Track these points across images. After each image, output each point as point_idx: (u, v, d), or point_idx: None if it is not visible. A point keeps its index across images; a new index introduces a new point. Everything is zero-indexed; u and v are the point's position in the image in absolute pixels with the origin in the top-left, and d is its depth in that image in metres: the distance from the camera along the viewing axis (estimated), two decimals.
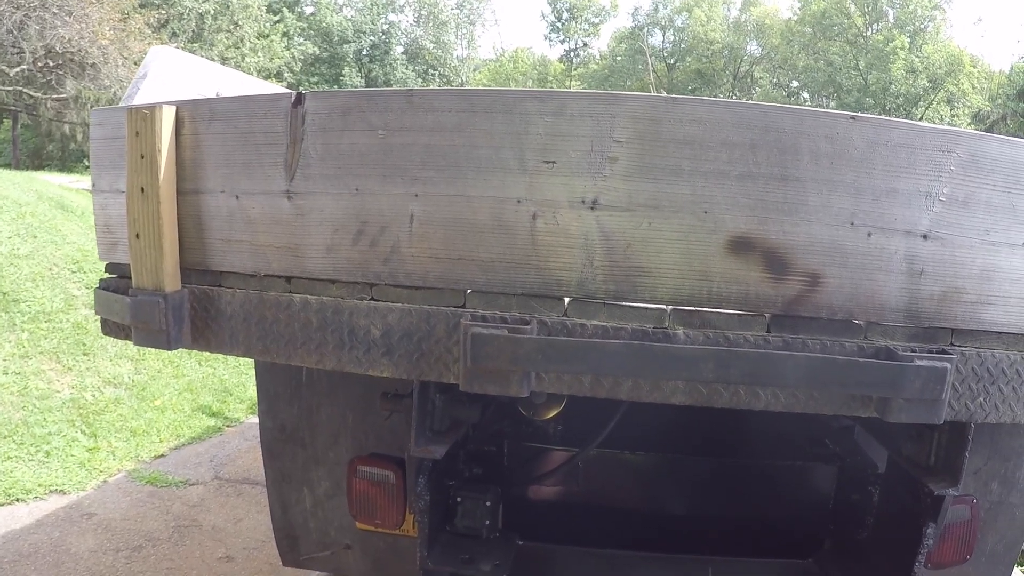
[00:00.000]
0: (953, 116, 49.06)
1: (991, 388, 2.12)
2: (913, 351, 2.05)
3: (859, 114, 2.03)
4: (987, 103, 47.60)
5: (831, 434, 3.57)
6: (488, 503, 3.04)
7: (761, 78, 59.31)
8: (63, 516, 5.38)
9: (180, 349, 2.53)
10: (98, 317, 2.79)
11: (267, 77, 35.70)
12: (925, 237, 2.02)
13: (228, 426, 7.56)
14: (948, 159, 1.99)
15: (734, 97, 58.60)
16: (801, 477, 3.52)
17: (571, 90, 2.03)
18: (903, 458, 2.75)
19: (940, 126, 2.07)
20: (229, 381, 8.55)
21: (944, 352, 2.06)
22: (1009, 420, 2.16)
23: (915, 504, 2.70)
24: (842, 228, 2.02)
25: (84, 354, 7.78)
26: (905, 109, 48.29)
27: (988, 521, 3.10)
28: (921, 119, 47.23)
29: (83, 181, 16.01)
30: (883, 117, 2.09)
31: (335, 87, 49.01)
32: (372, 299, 2.23)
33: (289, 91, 2.42)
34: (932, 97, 49.49)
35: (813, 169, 1.99)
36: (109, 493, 5.84)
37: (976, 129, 41.25)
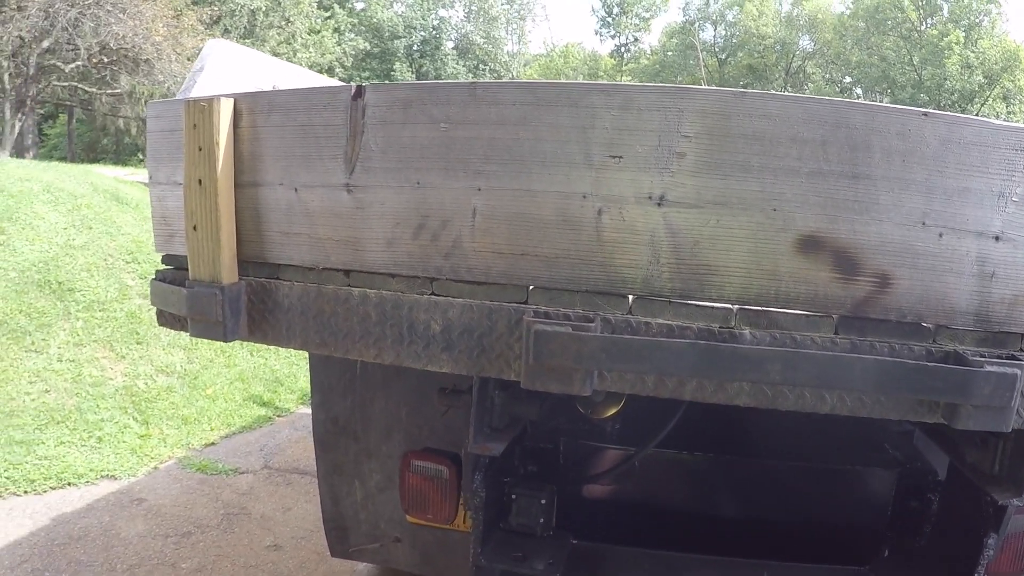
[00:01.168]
0: (1009, 113, 48.07)
1: None
2: (983, 356, 1.98)
3: (931, 110, 1.97)
4: None
5: (891, 439, 3.50)
6: (543, 501, 3.02)
7: (813, 73, 58.50)
8: (113, 501, 5.46)
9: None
10: (151, 307, 2.80)
11: (319, 72, 35.99)
12: (997, 239, 1.95)
13: (278, 416, 7.62)
14: (1022, 158, 1.91)
15: (787, 92, 57.98)
16: (860, 482, 3.46)
17: (638, 83, 2.00)
18: (966, 465, 2.67)
19: (1014, 124, 1.99)
20: (280, 371, 8.62)
21: (1014, 358, 1.99)
22: None
23: (976, 513, 2.63)
24: (913, 228, 1.95)
25: (137, 343, 7.89)
26: (960, 106, 47.39)
27: None
28: (977, 115, 46.38)
29: (137, 174, 16.26)
30: (956, 114, 2.02)
31: (387, 82, 49.19)
32: (433, 294, 2.21)
33: (349, 84, 2.41)
34: (988, 93, 48.55)
35: (884, 167, 1.93)
36: (159, 479, 5.91)
37: None
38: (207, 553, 4.80)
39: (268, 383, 8.29)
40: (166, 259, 2.77)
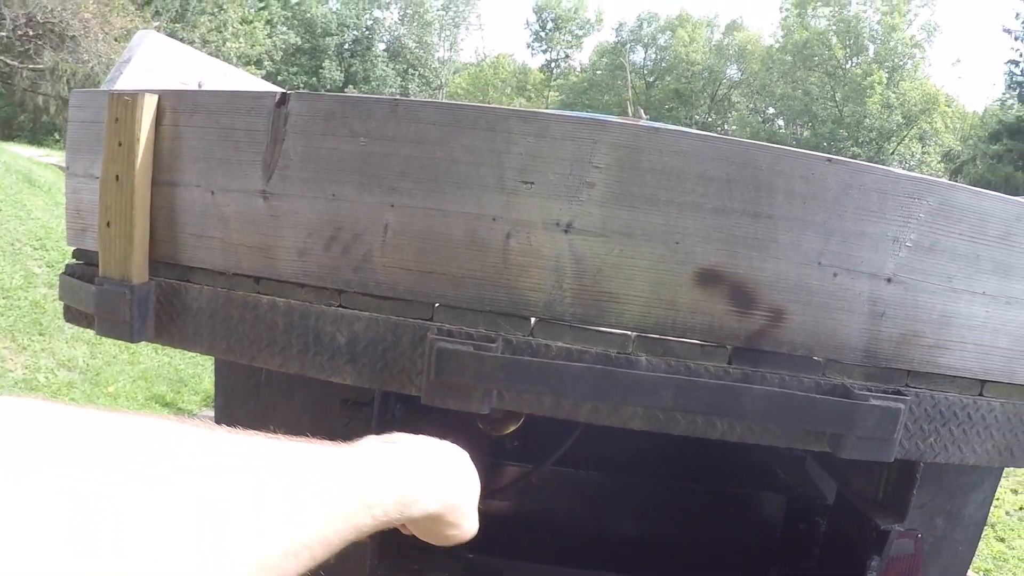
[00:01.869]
0: (924, 153, 49.88)
1: (942, 429, 2.17)
2: (869, 390, 2.09)
3: (835, 156, 2.06)
4: (959, 143, 48.42)
5: (783, 464, 3.61)
6: None
7: (738, 102, 59.91)
8: None
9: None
10: (57, 298, 2.75)
11: (247, 64, 35.44)
12: (889, 281, 2.06)
13: None
14: (918, 206, 2.02)
15: (710, 119, 59.20)
16: (751, 504, 3.57)
17: (556, 112, 2.05)
18: (851, 492, 2.80)
19: (913, 174, 2.10)
20: (184, 372, 8.41)
21: (899, 393, 2.11)
22: (957, 461, 2.21)
23: (861, 537, 2.74)
24: (809, 267, 2.05)
25: (40, 334, 7.64)
26: (878, 143, 49.01)
27: (932, 555, 3.15)
28: (892, 154, 48.05)
29: (53, 156, 15.76)
30: (859, 161, 2.12)
31: (314, 79, 48.87)
32: (340, 306, 2.22)
33: (274, 90, 2.41)
34: (905, 133, 50.31)
35: (786, 208, 2.02)
36: None
37: (946, 168, 41.92)
38: None
39: (172, 383, 8.08)
40: (77, 253, 2.72)
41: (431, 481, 0.93)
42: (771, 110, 59.20)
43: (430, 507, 0.91)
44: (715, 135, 2.13)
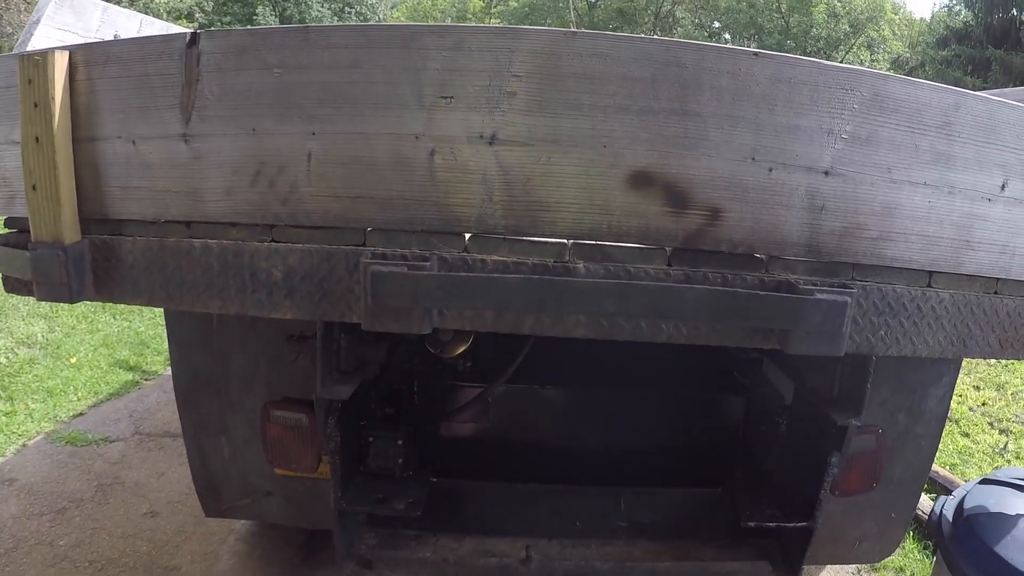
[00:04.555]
0: (873, 61, 49.85)
1: (892, 322, 2.20)
2: (814, 285, 2.11)
3: (762, 51, 2.05)
4: (907, 50, 48.42)
5: (740, 366, 3.66)
6: (400, 442, 3.07)
7: (683, 18, 59.21)
8: None
9: (92, 303, 2.48)
10: None
11: (178, 18, 34.43)
12: (827, 173, 2.06)
13: (146, 379, 7.35)
14: (851, 98, 2.02)
15: (656, 36, 58.59)
16: (711, 408, 3.62)
17: (470, 24, 2.01)
18: (808, 390, 2.84)
19: (843, 65, 2.09)
20: (145, 333, 8.31)
21: (845, 286, 2.12)
22: (909, 353, 2.25)
23: (820, 434, 2.79)
24: (743, 163, 2.04)
25: None
26: (826, 52, 48.88)
27: (895, 451, 3.22)
28: (841, 63, 48.01)
29: None
30: (786, 55, 2.10)
31: (249, 26, 47.56)
32: (272, 241, 2.20)
33: (185, 31, 2.35)
34: (853, 42, 50.22)
35: (714, 105, 2.01)
36: (29, 457, 5.69)
37: (896, 74, 41.91)
38: (84, 527, 4.68)
39: (134, 346, 7.99)
40: (8, 222, 2.66)
41: None
42: (716, 24, 58.70)
43: None
44: (634, 36, 2.10)
